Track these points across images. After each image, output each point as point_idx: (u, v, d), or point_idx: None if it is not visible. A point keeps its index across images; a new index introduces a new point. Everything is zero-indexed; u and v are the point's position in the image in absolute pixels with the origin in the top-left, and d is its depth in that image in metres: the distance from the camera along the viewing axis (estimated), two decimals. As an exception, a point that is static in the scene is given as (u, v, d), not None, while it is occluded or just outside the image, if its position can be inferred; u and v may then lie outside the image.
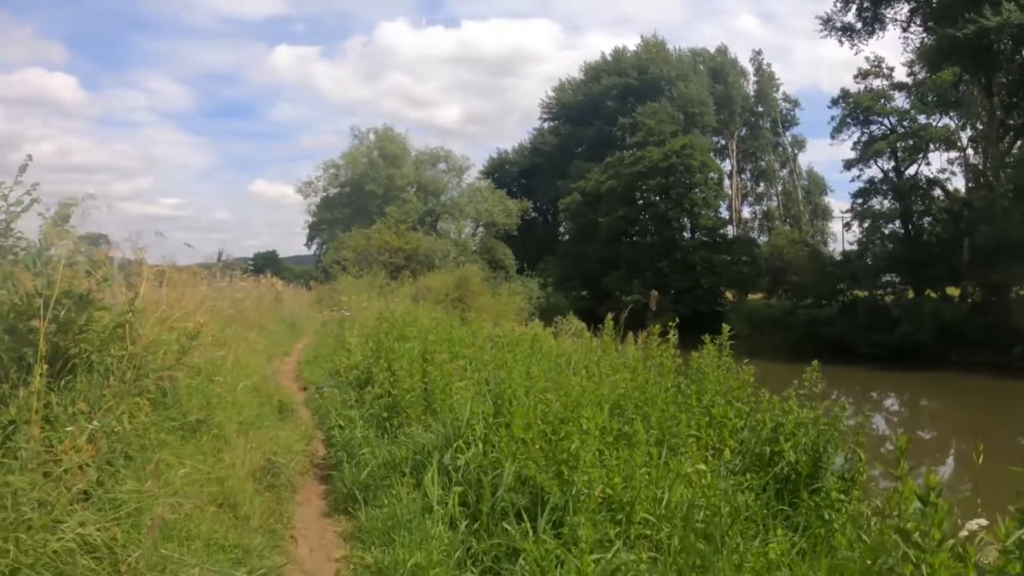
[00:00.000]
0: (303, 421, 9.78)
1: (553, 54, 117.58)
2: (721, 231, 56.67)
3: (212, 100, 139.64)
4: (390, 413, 8.47)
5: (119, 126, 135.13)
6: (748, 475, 6.15)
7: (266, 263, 56.60)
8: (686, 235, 55.91)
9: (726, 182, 63.49)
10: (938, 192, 44.98)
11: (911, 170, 45.54)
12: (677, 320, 9.80)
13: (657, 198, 54.73)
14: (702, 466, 5.73)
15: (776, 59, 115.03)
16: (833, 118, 48.14)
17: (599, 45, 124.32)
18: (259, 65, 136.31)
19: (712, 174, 56.98)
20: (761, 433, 6.66)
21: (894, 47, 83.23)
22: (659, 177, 53.13)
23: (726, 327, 8.04)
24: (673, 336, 9.04)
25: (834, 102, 48.40)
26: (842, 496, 5.68)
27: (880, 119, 45.94)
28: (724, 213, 61.22)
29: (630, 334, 11.39)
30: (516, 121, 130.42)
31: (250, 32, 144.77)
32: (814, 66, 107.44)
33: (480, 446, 6.07)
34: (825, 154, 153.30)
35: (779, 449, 6.31)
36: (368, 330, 14.17)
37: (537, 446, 5.69)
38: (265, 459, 6.90)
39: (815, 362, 6.82)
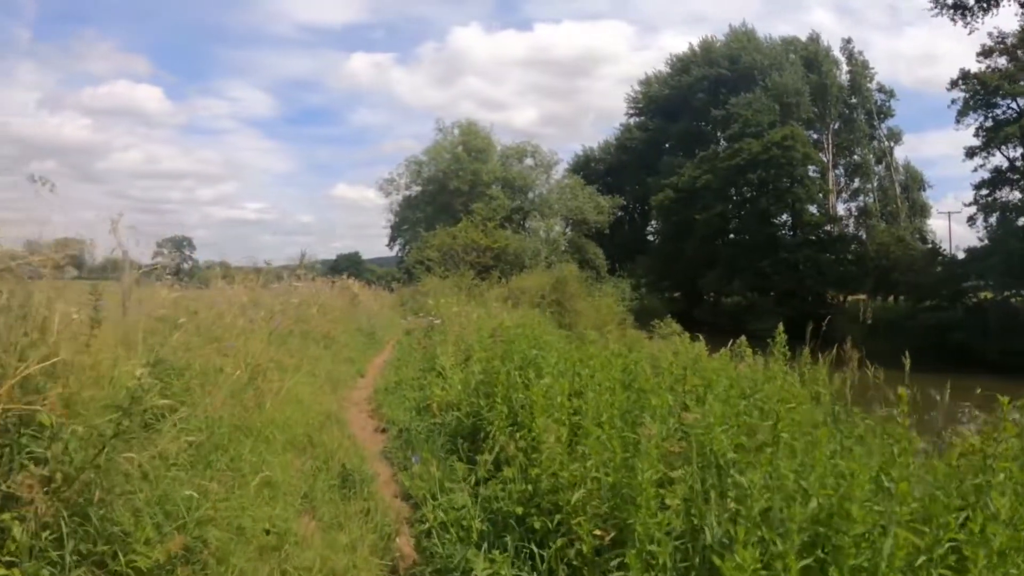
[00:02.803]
0: (379, 498, 5.98)
1: (626, 55, 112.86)
2: (826, 228, 51.25)
3: (294, 107, 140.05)
4: (527, 508, 4.61)
5: (204, 133, 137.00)
6: None
7: (348, 264, 53.96)
8: (787, 233, 50.77)
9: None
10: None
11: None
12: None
13: (756, 193, 49.82)
14: None
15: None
16: (954, 102, 42.58)
17: (673, 44, 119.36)
18: (338, 72, 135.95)
19: (813, 167, 51.71)
20: None
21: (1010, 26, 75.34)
22: (759, 171, 48.19)
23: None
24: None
25: (953, 84, 42.75)
26: None
27: (1007, 101, 40.30)
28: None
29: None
30: (592, 122, 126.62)
31: (329, 40, 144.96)
32: (891, 60, 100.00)
33: None
34: (914, 149, 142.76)
35: None
36: (467, 345, 10.40)
37: None
38: None
39: None
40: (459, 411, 7.24)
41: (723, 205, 50.70)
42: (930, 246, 47.93)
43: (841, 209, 64.75)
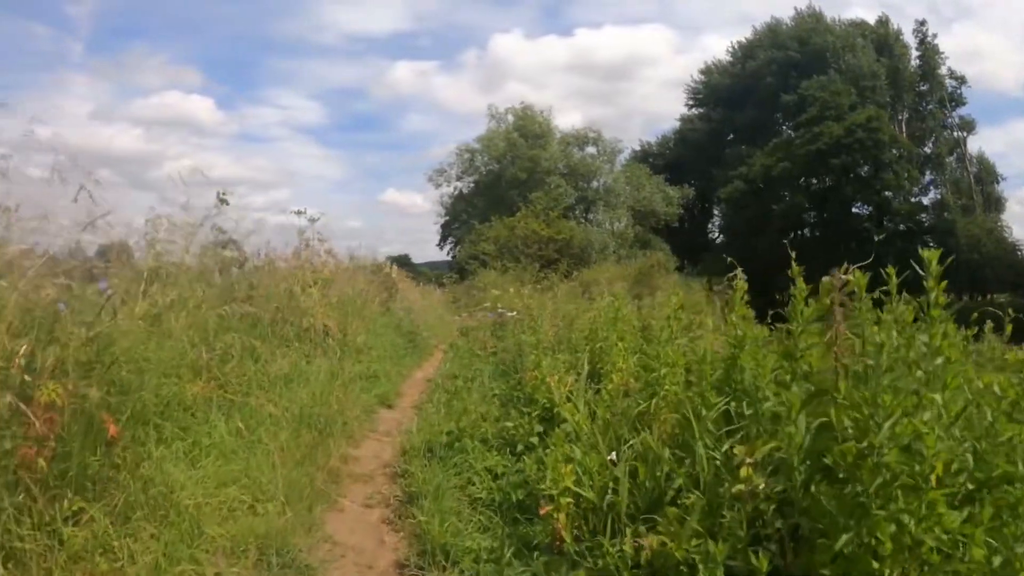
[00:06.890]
0: None
1: (670, 58, 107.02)
2: (919, 217, 44.99)
3: (344, 114, 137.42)
4: None
5: (255, 142, 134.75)
6: None
7: (399, 265, 49.01)
8: (873, 224, 44.59)
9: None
10: None
11: None
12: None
13: (838, 181, 43.79)
14: None
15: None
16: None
17: (716, 46, 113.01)
18: (383, 80, 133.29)
19: (896, 150, 45.34)
20: None
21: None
22: (842, 156, 42.07)
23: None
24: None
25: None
26: None
27: None
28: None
29: None
30: (638, 125, 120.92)
31: (376, 48, 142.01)
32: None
33: None
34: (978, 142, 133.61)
35: None
36: (591, 355, 5.25)
37: None
38: None
39: None
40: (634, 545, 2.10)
41: (800, 196, 44.65)
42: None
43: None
